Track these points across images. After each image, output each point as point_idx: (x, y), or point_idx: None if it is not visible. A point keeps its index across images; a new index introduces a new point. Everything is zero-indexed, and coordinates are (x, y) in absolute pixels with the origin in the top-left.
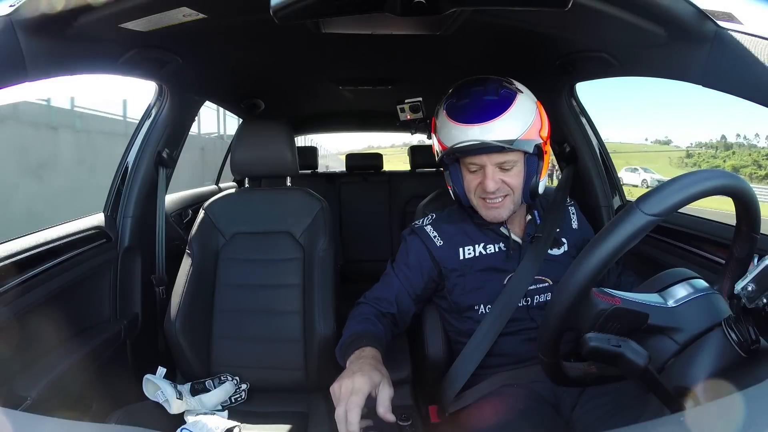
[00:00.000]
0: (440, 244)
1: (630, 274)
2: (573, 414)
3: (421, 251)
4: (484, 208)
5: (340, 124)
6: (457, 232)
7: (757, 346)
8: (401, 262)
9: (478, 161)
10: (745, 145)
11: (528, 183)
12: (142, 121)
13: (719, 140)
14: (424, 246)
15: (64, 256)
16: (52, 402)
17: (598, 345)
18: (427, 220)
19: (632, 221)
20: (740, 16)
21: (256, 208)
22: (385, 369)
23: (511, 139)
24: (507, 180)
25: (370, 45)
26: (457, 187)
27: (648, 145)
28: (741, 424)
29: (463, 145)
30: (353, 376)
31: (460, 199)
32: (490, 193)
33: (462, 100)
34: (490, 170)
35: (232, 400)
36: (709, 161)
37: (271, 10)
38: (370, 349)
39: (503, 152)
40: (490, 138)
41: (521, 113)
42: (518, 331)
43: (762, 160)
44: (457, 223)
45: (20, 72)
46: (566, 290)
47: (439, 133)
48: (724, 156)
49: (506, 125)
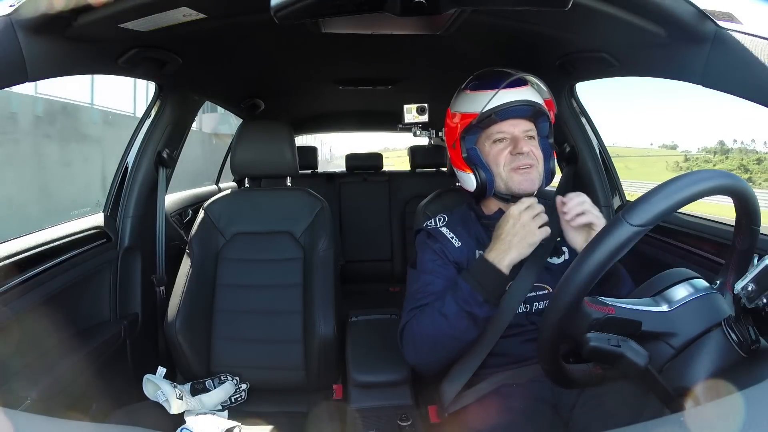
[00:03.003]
0: (458, 245)
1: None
2: (572, 414)
3: (443, 253)
4: (516, 175)
5: (340, 124)
6: (469, 234)
7: (757, 346)
8: (433, 263)
9: (508, 128)
10: (740, 150)
11: (547, 162)
12: (142, 121)
13: (716, 145)
14: (443, 249)
15: (64, 256)
16: (52, 402)
17: (598, 345)
18: (440, 222)
19: (618, 234)
20: (740, 16)
21: (257, 208)
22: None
23: (541, 103)
24: (533, 150)
25: (370, 45)
26: (481, 169)
27: (649, 149)
28: (741, 424)
29: (506, 102)
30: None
31: (485, 185)
32: (522, 158)
33: (486, 77)
34: (520, 135)
35: (232, 400)
36: (701, 165)
37: (271, 10)
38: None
39: (529, 120)
40: (528, 98)
41: (542, 88)
42: (518, 334)
43: (750, 164)
44: (467, 224)
45: (20, 72)
46: (557, 304)
47: (464, 107)
48: (717, 161)
49: (532, 92)
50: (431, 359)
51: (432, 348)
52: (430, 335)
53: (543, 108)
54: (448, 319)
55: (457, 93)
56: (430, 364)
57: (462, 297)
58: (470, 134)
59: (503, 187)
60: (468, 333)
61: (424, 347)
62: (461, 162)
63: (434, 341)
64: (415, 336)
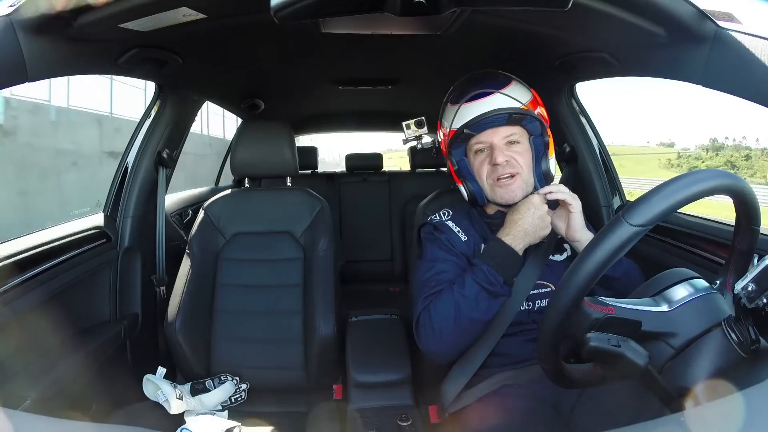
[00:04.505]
0: (465, 239)
1: (631, 265)
2: (573, 414)
3: (450, 244)
4: (497, 188)
5: (340, 124)
6: (474, 229)
7: (757, 346)
8: (443, 252)
9: (485, 138)
10: (735, 147)
11: (539, 164)
12: (142, 121)
13: (709, 143)
14: (450, 240)
15: (64, 256)
16: (52, 402)
17: (598, 345)
18: (445, 215)
19: (618, 233)
20: (740, 16)
21: (257, 208)
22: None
23: (518, 106)
24: (515, 156)
25: (370, 45)
26: (469, 181)
27: (644, 147)
28: (741, 424)
29: (472, 118)
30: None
31: (475, 196)
32: (500, 168)
33: (463, 87)
34: (498, 143)
35: (232, 400)
36: (692, 162)
37: (271, 10)
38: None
39: (508, 125)
40: (496, 107)
41: (519, 91)
42: (519, 333)
43: (739, 161)
44: (472, 220)
45: (20, 72)
46: (557, 304)
47: (445, 122)
48: (707, 158)
49: (508, 97)
50: (451, 344)
51: (452, 332)
52: (451, 318)
53: (519, 110)
54: (468, 300)
55: (442, 104)
56: (449, 350)
57: (483, 277)
58: (455, 148)
59: (490, 198)
60: (488, 312)
61: (444, 332)
62: (453, 174)
63: (455, 324)
64: (434, 322)
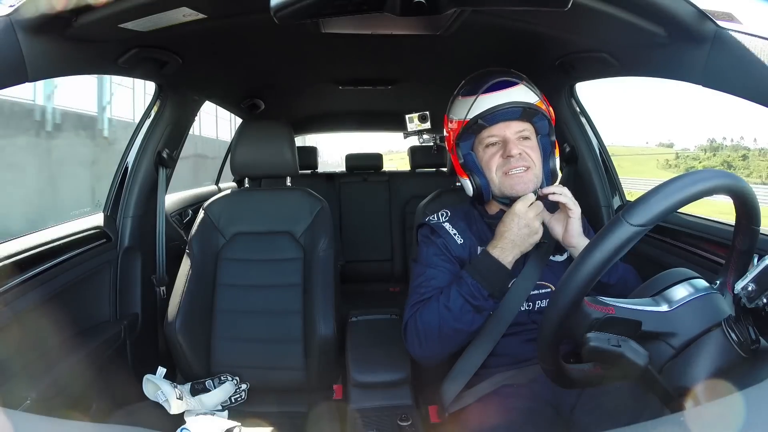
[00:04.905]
0: (461, 242)
1: (628, 270)
2: (573, 414)
3: (445, 248)
4: (509, 179)
5: (340, 124)
6: (471, 231)
7: (757, 346)
8: (436, 257)
9: (498, 132)
10: (734, 147)
11: (546, 163)
12: (142, 121)
13: (707, 143)
14: (446, 244)
15: (64, 256)
16: (52, 402)
17: (597, 345)
18: (442, 217)
19: (618, 233)
20: (740, 16)
21: (257, 208)
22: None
23: (533, 102)
24: (527, 150)
25: (370, 45)
26: (476, 174)
27: (643, 148)
28: (741, 424)
29: (489, 108)
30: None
31: (481, 190)
32: (513, 161)
33: (477, 81)
34: (511, 136)
35: (232, 400)
36: (689, 163)
37: (271, 10)
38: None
39: (521, 120)
40: (513, 99)
41: (530, 89)
42: (519, 333)
43: (735, 161)
44: (470, 221)
45: (20, 72)
46: (557, 304)
47: (456, 114)
48: (705, 158)
49: (523, 92)
50: (436, 351)
51: (437, 340)
52: (435, 328)
53: (533, 106)
54: (453, 312)
55: (451, 98)
56: (435, 356)
57: (467, 291)
58: (464, 140)
59: (498, 192)
60: (473, 324)
61: (429, 340)
62: (459, 168)
63: (439, 334)
64: (419, 330)
